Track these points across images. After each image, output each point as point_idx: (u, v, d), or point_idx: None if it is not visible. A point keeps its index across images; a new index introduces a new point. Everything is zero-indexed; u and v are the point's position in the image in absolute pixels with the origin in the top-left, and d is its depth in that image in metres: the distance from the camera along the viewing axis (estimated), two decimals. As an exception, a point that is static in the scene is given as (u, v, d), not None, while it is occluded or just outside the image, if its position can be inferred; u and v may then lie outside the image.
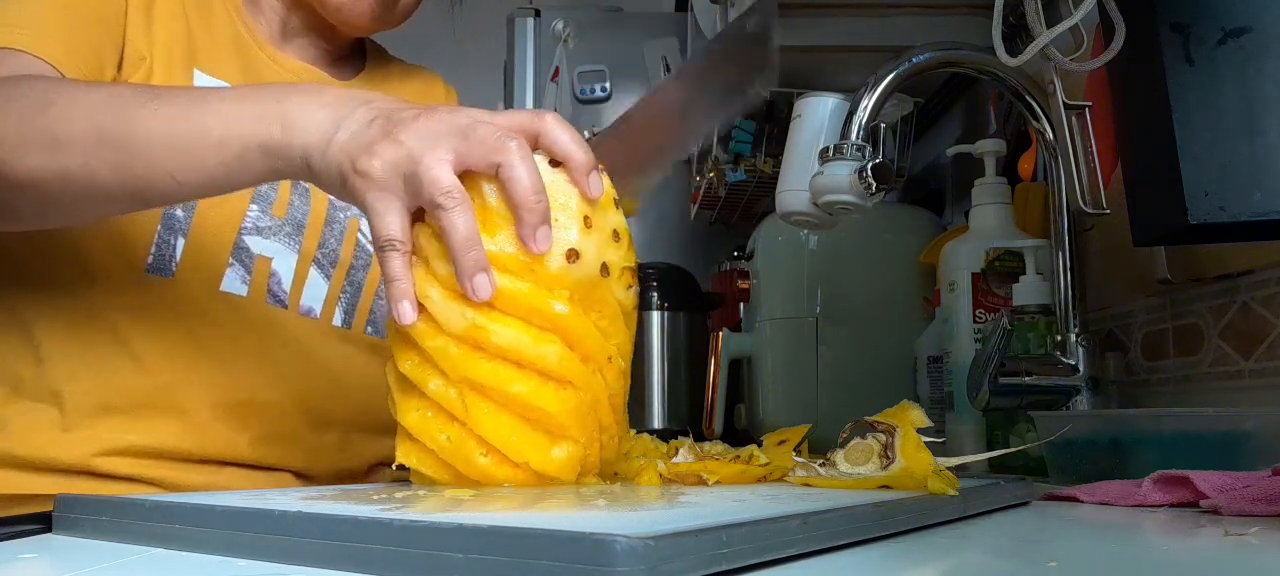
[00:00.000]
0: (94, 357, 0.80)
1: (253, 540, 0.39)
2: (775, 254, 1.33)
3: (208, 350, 0.82)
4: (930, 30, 1.04)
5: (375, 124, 0.59)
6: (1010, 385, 0.84)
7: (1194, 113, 0.66)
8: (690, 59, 1.63)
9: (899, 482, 0.55)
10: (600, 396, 0.59)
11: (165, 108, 0.65)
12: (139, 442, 0.80)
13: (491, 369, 0.56)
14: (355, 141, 0.59)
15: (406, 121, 0.57)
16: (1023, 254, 0.95)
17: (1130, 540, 0.47)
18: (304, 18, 0.92)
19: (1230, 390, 0.85)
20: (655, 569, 0.31)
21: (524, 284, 0.57)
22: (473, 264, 0.56)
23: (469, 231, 0.56)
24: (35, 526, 0.47)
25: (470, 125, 0.57)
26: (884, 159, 0.80)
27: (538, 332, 0.57)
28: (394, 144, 0.57)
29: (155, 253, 0.81)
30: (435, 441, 0.58)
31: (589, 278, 0.58)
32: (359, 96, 0.62)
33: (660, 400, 1.52)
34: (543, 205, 0.57)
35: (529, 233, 0.57)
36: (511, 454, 0.57)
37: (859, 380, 1.23)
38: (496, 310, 0.56)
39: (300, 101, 0.62)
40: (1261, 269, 0.82)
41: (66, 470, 0.79)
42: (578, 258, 0.58)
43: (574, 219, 0.58)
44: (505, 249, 0.57)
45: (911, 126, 1.22)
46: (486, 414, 0.57)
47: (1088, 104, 0.83)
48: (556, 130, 0.59)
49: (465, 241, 0.55)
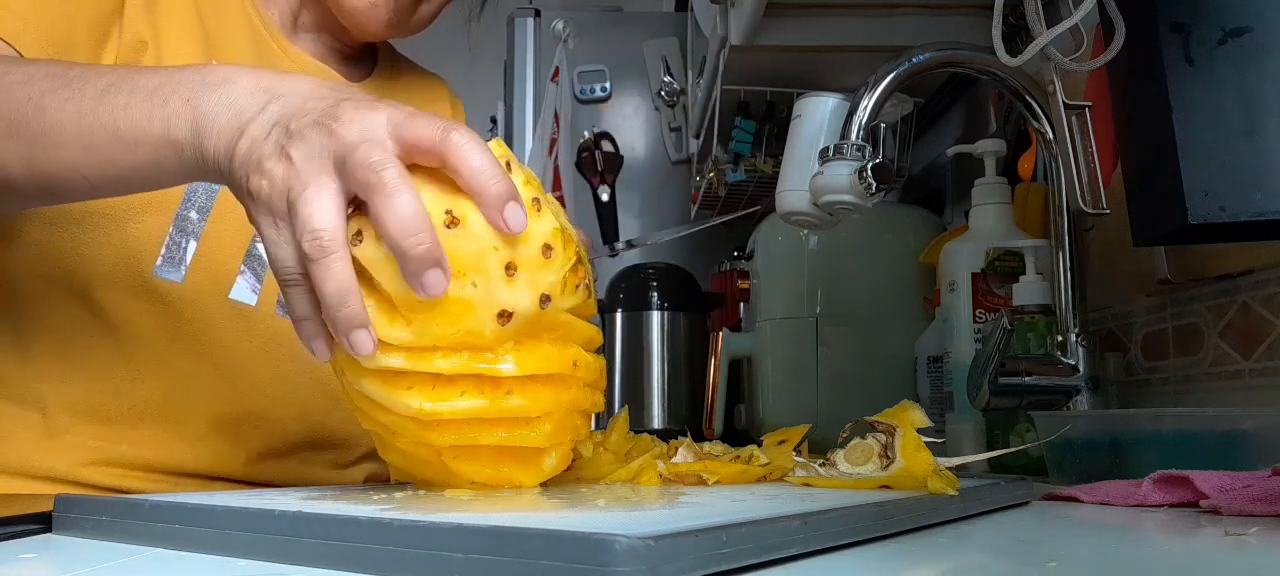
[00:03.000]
0: (86, 360, 0.77)
1: (253, 540, 0.39)
2: (775, 254, 1.33)
3: (210, 359, 0.80)
4: (930, 30, 1.04)
5: (274, 132, 0.52)
6: (1010, 385, 0.84)
7: (1194, 113, 0.66)
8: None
9: (899, 482, 0.55)
10: (575, 398, 0.56)
11: (76, 96, 0.58)
12: (129, 454, 0.78)
13: (457, 435, 0.52)
14: (253, 153, 0.52)
15: (301, 132, 0.50)
16: (1023, 254, 0.95)
17: (1130, 540, 0.47)
18: (316, 14, 0.90)
19: (1230, 390, 0.85)
20: (655, 569, 0.31)
21: (464, 357, 0.51)
22: (346, 321, 0.49)
23: (338, 287, 0.48)
24: (35, 526, 0.47)
25: (356, 144, 0.49)
26: (884, 159, 0.80)
27: (493, 391, 0.52)
28: (283, 161, 0.50)
29: (165, 254, 0.77)
30: (423, 474, 0.56)
31: (529, 319, 0.51)
32: (272, 89, 0.54)
33: (660, 400, 1.52)
34: (422, 245, 0.47)
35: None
36: (503, 483, 0.55)
37: (859, 380, 1.23)
38: (442, 386, 0.51)
39: (212, 99, 0.55)
40: (1261, 269, 0.82)
41: (52, 479, 0.76)
42: (509, 317, 0.51)
43: (495, 273, 0.50)
44: (433, 329, 0.50)
45: (911, 126, 1.22)
46: (469, 462, 0.54)
47: (1088, 104, 0.83)
48: (465, 152, 0.49)
49: (336, 297, 0.48)
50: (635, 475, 0.62)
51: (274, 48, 0.88)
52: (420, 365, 0.50)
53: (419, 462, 0.55)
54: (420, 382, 0.51)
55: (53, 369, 0.77)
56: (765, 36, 1.06)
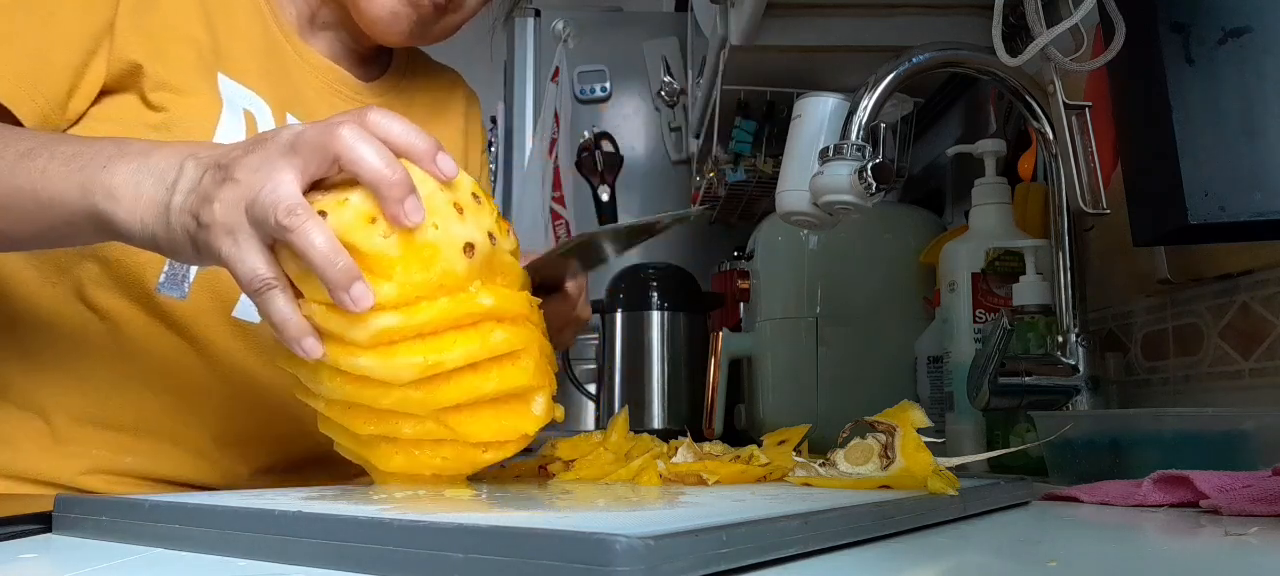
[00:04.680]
0: (92, 372, 0.77)
1: (253, 540, 0.39)
2: (775, 254, 1.33)
3: (215, 375, 0.80)
4: (930, 30, 1.04)
5: (207, 175, 0.56)
6: (1010, 385, 0.84)
7: (1194, 113, 0.66)
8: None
9: (899, 482, 0.55)
10: (541, 341, 0.61)
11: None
12: (134, 465, 0.78)
13: (459, 387, 0.56)
14: (192, 198, 0.56)
15: (236, 160, 0.55)
16: (1023, 254, 0.95)
17: (1130, 540, 0.47)
18: (335, 12, 0.89)
19: (1230, 390, 0.85)
20: (655, 569, 0.31)
21: (445, 300, 0.55)
22: (343, 274, 0.52)
23: (327, 242, 0.52)
24: (35, 526, 0.47)
25: (294, 138, 0.54)
26: (884, 159, 0.80)
27: (478, 332, 0.56)
28: (230, 184, 0.54)
29: (167, 274, 0.77)
30: (433, 465, 0.58)
31: (484, 255, 0.57)
32: (184, 152, 0.59)
33: (660, 400, 1.52)
34: (400, 175, 0.53)
35: (397, 208, 0.53)
36: (508, 436, 0.58)
37: (859, 380, 1.23)
38: (436, 337, 0.55)
39: (127, 170, 0.59)
40: (1261, 269, 0.82)
41: (56, 486, 0.76)
42: (473, 249, 0.56)
43: (448, 212, 0.56)
44: (413, 277, 0.54)
45: (911, 126, 1.22)
46: (473, 421, 0.57)
47: (1088, 104, 0.84)
48: (385, 123, 0.55)
49: (326, 255, 0.52)
50: (635, 475, 0.62)
51: (287, 49, 0.86)
52: (414, 317, 0.54)
53: (428, 446, 0.57)
54: (413, 342, 0.54)
55: (58, 379, 0.77)
56: (765, 36, 1.07)
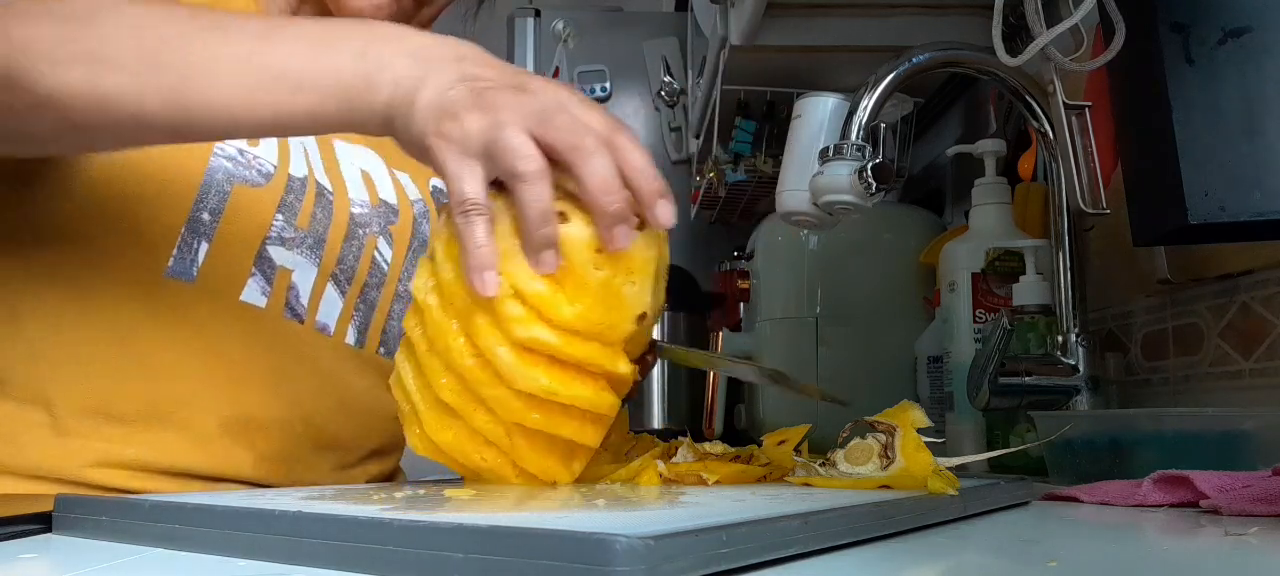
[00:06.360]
0: (94, 361, 0.76)
1: (253, 540, 0.39)
2: (775, 254, 1.33)
3: (220, 361, 0.79)
4: (930, 30, 1.04)
5: (460, 87, 0.56)
6: (1010, 385, 0.84)
7: (1194, 113, 0.66)
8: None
9: (899, 482, 0.55)
10: (614, 417, 0.60)
11: (233, 38, 0.60)
12: (138, 456, 0.77)
13: (547, 419, 0.56)
14: (440, 103, 0.56)
15: (492, 90, 0.56)
16: (1023, 254, 0.95)
17: (1130, 540, 0.47)
18: (316, 9, 0.88)
19: (1230, 390, 0.85)
20: (655, 569, 0.31)
21: (595, 347, 0.56)
22: (543, 239, 0.54)
23: (545, 207, 0.54)
24: (35, 526, 0.47)
25: (552, 109, 0.55)
26: (884, 159, 0.80)
27: (597, 386, 0.57)
28: (479, 111, 0.55)
29: (177, 254, 0.77)
30: (470, 460, 0.58)
31: (640, 332, 0.57)
32: (446, 47, 0.59)
33: (660, 400, 1.53)
34: (623, 197, 0.54)
35: (607, 229, 0.54)
36: (547, 476, 0.59)
37: (859, 380, 1.23)
38: (565, 370, 0.56)
39: (386, 51, 0.59)
40: (1261, 269, 0.82)
41: (60, 480, 0.75)
42: (644, 320, 0.57)
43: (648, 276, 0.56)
44: (592, 316, 0.55)
45: (911, 126, 1.22)
46: (531, 450, 0.57)
47: (1088, 104, 0.84)
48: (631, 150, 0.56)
49: (541, 215, 0.54)
50: (635, 475, 0.62)
51: None
52: (565, 348, 0.55)
53: (481, 443, 0.58)
54: (549, 364, 0.55)
55: (60, 369, 0.76)
56: (765, 36, 1.07)
